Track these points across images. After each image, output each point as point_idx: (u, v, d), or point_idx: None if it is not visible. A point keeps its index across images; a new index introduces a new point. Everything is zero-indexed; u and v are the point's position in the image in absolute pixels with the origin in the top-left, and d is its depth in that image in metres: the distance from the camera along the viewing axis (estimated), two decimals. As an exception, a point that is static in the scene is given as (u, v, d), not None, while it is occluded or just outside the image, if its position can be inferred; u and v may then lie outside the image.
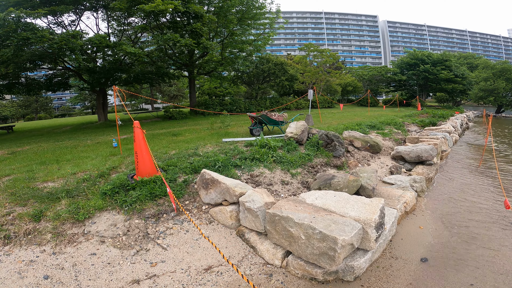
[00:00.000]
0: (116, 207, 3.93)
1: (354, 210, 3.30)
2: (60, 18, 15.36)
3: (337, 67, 39.20)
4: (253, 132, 8.51)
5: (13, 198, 3.98)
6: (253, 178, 5.03)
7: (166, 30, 16.62)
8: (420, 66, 33.40)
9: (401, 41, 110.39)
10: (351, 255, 2.99)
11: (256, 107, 22.85)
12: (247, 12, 18.19)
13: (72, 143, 9.11)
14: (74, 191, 4.18)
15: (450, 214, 4.74)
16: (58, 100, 78.85)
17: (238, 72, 24.85)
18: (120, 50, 13.67)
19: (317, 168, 5.99)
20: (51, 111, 55.43)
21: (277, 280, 2.97)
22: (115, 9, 14.18)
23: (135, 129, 4.48)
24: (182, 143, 7.31)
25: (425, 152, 6.99)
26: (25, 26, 11.11)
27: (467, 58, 52.14)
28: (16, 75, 15.50)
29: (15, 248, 3.21)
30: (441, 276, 3.05)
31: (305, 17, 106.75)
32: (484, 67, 37.78)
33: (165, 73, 19.27)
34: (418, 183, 5.51)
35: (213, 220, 4.02)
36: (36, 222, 3.57)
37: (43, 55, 13.45)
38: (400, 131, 11.01)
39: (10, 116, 48.09)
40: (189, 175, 4.84)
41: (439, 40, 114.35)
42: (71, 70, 16.77)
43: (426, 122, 14.32)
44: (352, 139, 7.91)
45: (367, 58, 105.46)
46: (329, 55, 31.01)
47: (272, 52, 58.18)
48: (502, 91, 33.25)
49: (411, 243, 3.73)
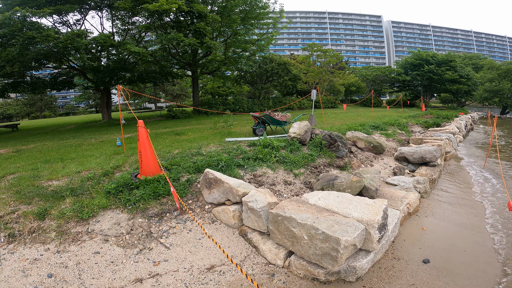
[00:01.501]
0: (120, 206, 3.96)
1: (357, 211, 3.29)
2: (65, 17, 15.45)
3: (341, 67, 39.07)
4: (256, 132, 8.51)
5: (18, 196, 4.02)
6: (256, 178, 5.04)
7: (169, 29, 16.66)
8: (424, 66, 33.21)
9: (405, 41, 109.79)
10: (354, 255, 2.99)
11: (259, 107, 22.84)
12: (251, 11, 18.18)
13: (77, 142, 9.17)
14: (79, 189, 4.22)
15: (453, 215, 4.72)
16: (63, 98, 79.42)
17: (241, 71, 24.83)
18: (124, 49, 13.73)
19: (320, 168, 5.99)
20: (55, 109, 55.84)
21: (279, 280, 2.98)
22: (119, 8, 14.24)
23: (139, 128, 4.51)
24: (185, 142, 7.34)
25: (429, 153, 6.95)
26: (31, 25, 11.20)
27: (472, 59, 51.77)
28: (22, 74, 15.61)
29: (20, 246, 3.25)
30: (443, 278, 3.04)
31: (308, 17, 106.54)
32: (489, 68, 37.55)
33: (168, 73, 19.32)
34: (422, 184, 5.48)
35: (216, 220, 4.03)
36: (40, 220, 3.60)
37: (48, 54, 13.54)
38: (404, 132, 10.96)
39: (15, 115, 48.51)
40: (192, 174, 4.86)
41: (444, 40, 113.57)
42: (76, 69, 16.87)
43: (430, 123, 14.24)
44: (355, 139, 7.89)
45: (371, 58, 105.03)
46: (333, 55, 30.93)
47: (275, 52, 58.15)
48: (507, 92, 33.01)
49: (413, 245, 3.72)
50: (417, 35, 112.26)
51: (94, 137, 10.34)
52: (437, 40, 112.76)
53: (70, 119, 30.12)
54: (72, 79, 19.31)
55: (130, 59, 17.12)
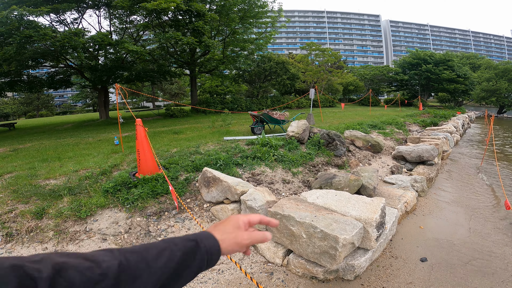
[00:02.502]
0: (118, 204, 3.95)
1: (355, 209, 3.30)
2: (62, 16, 15.37)
3: (339, 66, 39.11)
4: (255, 131, 8.51)
5: (15, 195, 4.00)
6: (254, 176, 5.04)
7: (168, 28, 16.62)
8: (422, 66, 33.32)
9: (403, 41, 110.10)
10: (352, 254, 3.00)
11: (257, 106, 22.85)
12: (249, 10, 18.16)
13: (74, 141, 9.14)
14: (76, 188, 4.20)
15: (450, 214, 4.74)
16: (60, 97, 79.09)
17: (240, 70, 24.83)
18: (122, 48, 13.68)
19: (318, 167, 6.00)
20: (52, 108, 55.56)
21: (278, 279, 2.98)
22: (117, 7, 14.19)
23: (137, 127, 4.50)
24: (183, 141, 7.33)
25: (426, 152, 6.98)
26: (28, 24, 11.13)
27: (469, 58, 51.95)
28: (18, 72, 15.52)
29: (17, 245, 3.24)
30: (440, 276, 3.06)
31: (307, 16, 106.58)
32: (487, 67, 37.72)
33: (166, 71, 19.28)
34: (419, 183, 5.51)
35: (214, 218, 4.04)
36: (38, 219, 3.59)
37: (46, 53, 13.48)
38: (402, 131, 11.00)
39: (12, 114, 48.28)
40: (191, 173, 4.85)
41: (442, 40, 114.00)
42: (73, 67, 16.79)
43: (427, 122, 14.30)
44: (353, 138, 7.91)
45: (369, 58, 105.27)
46: (331, 54, 30.93)
47: (273, 50, 58.14)
48: (504, 92, 33.19)
49: (411, 243, 3.74)
50: (415, 34, 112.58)
51: (91, 136, 10.31)
52: (435, 40, 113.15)
53: (67, 118, 29.99)
54: (70, 78, 19.23)
55: (128, 58, 17.06)
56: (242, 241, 0.72)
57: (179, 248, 0.63)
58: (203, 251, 0.66)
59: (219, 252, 0.69)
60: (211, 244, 0.68)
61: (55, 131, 13.84)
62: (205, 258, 0.66)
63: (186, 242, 0.66)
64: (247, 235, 0.74)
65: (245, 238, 0.73)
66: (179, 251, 0.63)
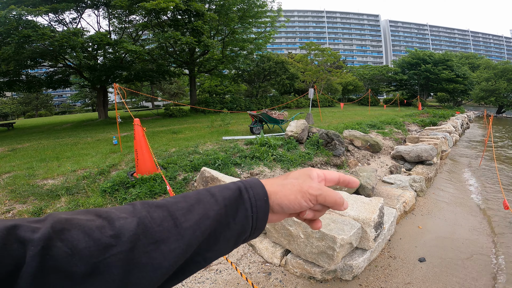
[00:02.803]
0: (116, 204, 3.93)
1: (353, 209, 3.30)
2: (61, 15, 15.35)
3: (338, 66, 39.15)
4: (253, 131, 8.51)
5: (13, 195, 3.99)
6: (253, 176, 5.04)
7: (167, 28, 16.61)
8: (421, 65, 33.37)
9: (402, 41, 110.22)
10: (350, 254, 3.00)
11: (256, 106, 22.85)
12: (248, 10, 18.17)
13: (72, 140, 9.12)
14: (74, 188, 4.19)
15: (449, 214, 4.74)
16: (59, 97, 78.99)
17: (239, 70, 24.84)
18: (121, 47, 13.67)
19: (317, 167, 6.00)
20: (51, 108, 55.54)
21: (276, 279, 2.98)
22: (116, 6, 14.17)
23: (135, 127, 4.48)
24: (182, 141, 7.32)
25: (425, 152, 6.98)
26: (26, 24, 11.12)
27: (469, 58, 52.06)
28: (17, 72, 15.50)
29: (15, 244, 3.22)
30: (438, 276, 3.06)
31: (306, 16, 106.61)
32: (486, 67, 37.77)
33: (165, 71, 19.26)
34: (418, 183, 5.51)
35: (212, 219, 4.02)
36: (35, 219, 3.57)
37: (44, 53, 13.46)
38: (401, 131, 11.00)
39: (10, 113, 48.22)
40: (189, 173, 4.85)
41: (441, 40, 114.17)
42: (72, 67, 16.77)
43: (426, 121, 14.31)
44: (352, 138, 7.90)
45: (368, 58, 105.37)
46: (330, 54, 30.96)
47: (273, 50, 58.16)
48: (503, 92, 33.24)
49: (409, 243, 3.74)
50: (414, 34, 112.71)
51: (90, 135, 10.29)
52: (434, 40, 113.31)
53: (66, 118, 29.95)
54: (68, 78, 19.21)
55: (127, 57, 17.04)
56: (309, 189, 0.51)
57: (216, 199, 0.47)
58: (247, 205, 0.48)
59: (267, 206, 0.49)
60: (259, 193, 0.49)
61: (54, 131, 13.81)
62: (250, 216, 0.47)
63: (225, 190, 0.49)
64: (318, 185, 0.52)
65: (314, 187, 0.51)
66: (216, 204, 0.46)
